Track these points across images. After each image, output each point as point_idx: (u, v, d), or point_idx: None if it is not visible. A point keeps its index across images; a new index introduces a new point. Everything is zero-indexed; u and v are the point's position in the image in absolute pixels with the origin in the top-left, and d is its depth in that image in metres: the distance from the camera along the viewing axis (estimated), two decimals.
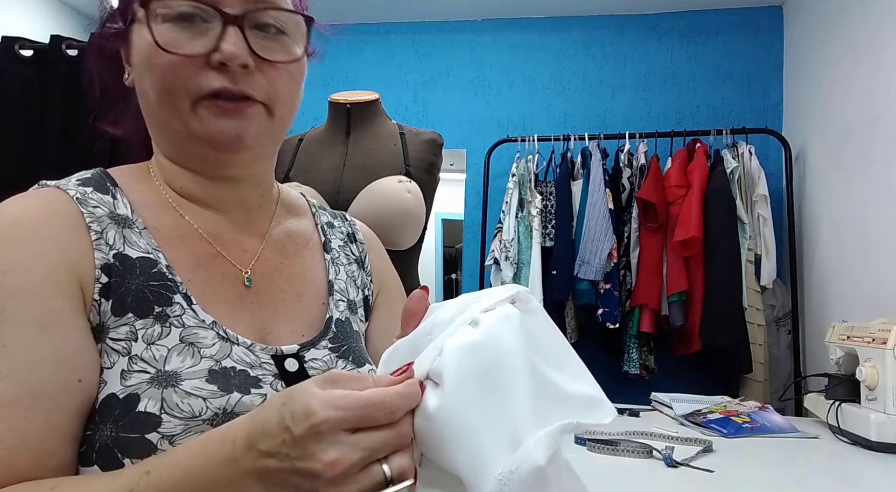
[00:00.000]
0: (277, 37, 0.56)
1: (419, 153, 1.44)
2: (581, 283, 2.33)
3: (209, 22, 0.52)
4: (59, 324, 0.47)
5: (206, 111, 0.53)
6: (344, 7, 2.84)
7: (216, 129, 0.53)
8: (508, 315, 0.40)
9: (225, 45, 0.51)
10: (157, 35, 0.52)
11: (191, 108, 0.53)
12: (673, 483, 1.04)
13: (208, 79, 0.52)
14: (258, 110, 0.55)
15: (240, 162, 0.58)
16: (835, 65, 2.18)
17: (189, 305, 0.53)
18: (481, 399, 0.37)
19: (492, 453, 0.36)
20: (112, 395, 0.47)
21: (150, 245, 0.54)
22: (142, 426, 0.46)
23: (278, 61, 0.55)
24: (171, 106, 0.53)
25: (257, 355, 0.54)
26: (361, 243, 0.74)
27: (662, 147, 2.48)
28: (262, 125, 0.56)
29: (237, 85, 0.53)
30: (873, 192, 1.89)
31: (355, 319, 0.67)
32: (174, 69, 0.52)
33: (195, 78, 0.52)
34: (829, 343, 1.49)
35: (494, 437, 0.36)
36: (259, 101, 0.55)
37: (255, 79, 0.54)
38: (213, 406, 0.48)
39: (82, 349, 0.48)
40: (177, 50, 0.51)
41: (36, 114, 1.80)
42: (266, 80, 0.55)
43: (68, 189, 0.53)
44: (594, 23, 2.84)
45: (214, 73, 0.52)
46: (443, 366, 0.38)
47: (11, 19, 2.54)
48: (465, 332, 0.40)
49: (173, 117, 0.54)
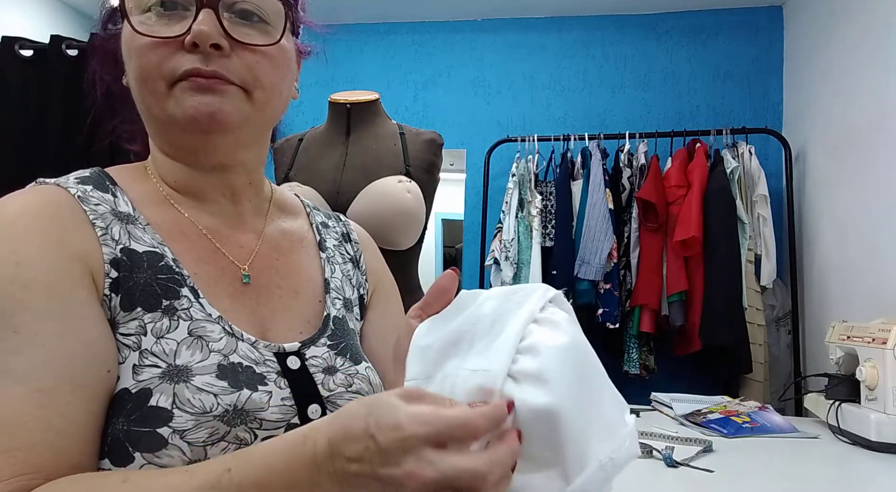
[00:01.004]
0: (259, 25, 0.56)
1: (419, 153, 1.44)
2: (581, 283, 2.33)
3: (188, 10, 0.53)
4: (83, 314, 0.47)
5: (181, 92, 0.53)
6: (344, 7, 2.84)
7: (190, 105, 0.53)
8: (567, 317, 0.44)
9: (196, 26, 0.52)
10: (136, 23, 0.53)
11: (167, 91, 0.53)
12: (673, 483, 1.04)
13: (182, 61, 0.53)
14: (234, 91, 0.55)
15: (219, 146, 0.57)
16: (835, 65, 2.18)
17: (196, 299, 0.53)
18: (579, 395, 0.41)
19: (592, 442, 0.40)
20: (125, 389, 0.48)
21: (156, 239, 0.54)
22: (153, 421, 0.46)
23: (253, 44, 0.55)
24: (149, 91, 0.54)
25: (261, 352, 0.55)
26: (356, 243, 0.74)
27: (662, 147, 2.48)
28: (239, 107, 0.55)
29: (209, 65, 0.53)
30: (873, 191, 1.89)
31: (351, 317, 0.67)
32: (149, 52, 0.53)
33: (169, 60, 0.53)
34: (829, 343, 1.49)
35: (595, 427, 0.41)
36: (235, 84, 0.55)
37: (231, 62, 0.54)
38: (224, 402, 0.49)
39: (106, 340, 0.48)
40: (153, 34, 0.52)
41: (36, 114, 1.80)
42: (243, 64, 0.55)
43: (69, 187, 0.53)
44: (594, 23, 2.83)
45: (189, 55, 0.53)
46: (545, 366, 0.40)
47: (11, 19, 2.54)
48: (547, 333, 0.42)
49: (152, 102, 0.54)
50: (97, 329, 0.48)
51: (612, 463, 0.39)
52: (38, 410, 0.43)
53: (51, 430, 0.43)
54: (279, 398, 0.52)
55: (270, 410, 0.51)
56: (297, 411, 0.53)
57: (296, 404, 0.53)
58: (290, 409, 0.53)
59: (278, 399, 0.52)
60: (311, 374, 0.57)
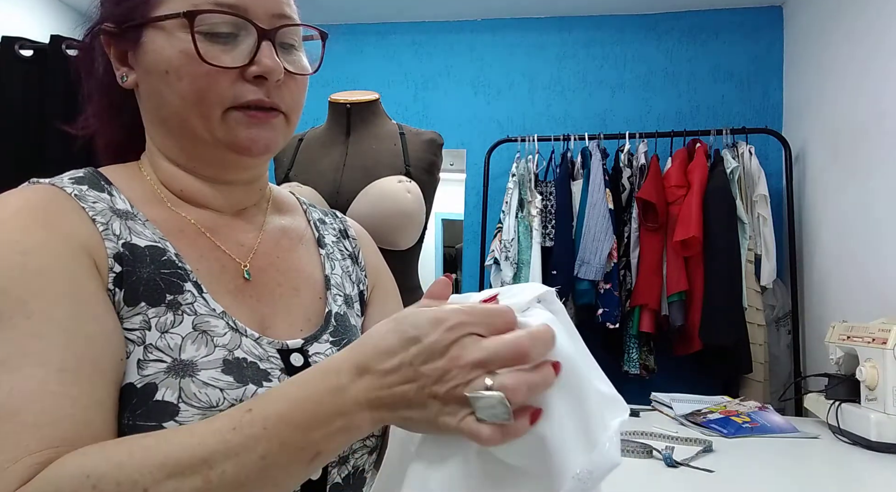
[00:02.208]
0: (296, 53, 0.60)
1: (419, 153, 1.44)
2: (581, 283, 2.33)
3: (239, 36, 0.55)
4: (95, 300, 0.48)
5: (236, 121, 0.55)
6: (344, 7, 2.84)
7: (246, 137, 0.56)
8: (550, 318, 0.41)
9: (266, 61, 0.54)
10: (199, 47, 0.53)
11: (221, 117, 0.55)
12: (673, 483, 1.04)
13: (244, 90, 0.55)
14: (281, 120, 0.58)
15: (252, 167, 0.61)
16: (835, 65, 2.18)
17: (200, 293, 0.53)
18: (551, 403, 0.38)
19: (569, 454, 0.38)
20: (130, 384, 0.48)
21: (157, 235, 0.54)
22: (159, 415, 0.46)
23: (300, 74, 0.59)
24: (199, 114, 0.55)
25: (265, 349, 0.55)
26: (354, 239, 0.75)
27: (662, 147, 2.48)
28: (283, 133, 0.59)
29: (271, 98, 0.56)
30: (873, 191, 1.89)
31: (352, 313, 0.67)
32: (209, 79, 0.54)
33: (230, 89, 0.54)
34: (829, 343, 1.49)
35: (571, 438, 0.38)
36: (283, 112, 0.58)
37: (282, 93, 0.57)
38: (230, 397, 0.49)
39: (118, 329, 0.49)
40: (215, 61, 0.53)
41: (36, 114, 1.80)
42: (289, 93, 0.58)
43: (64, 186, 0.53)
44: (594, 23, 2.83)
45: (249, 85, 0.55)
46: None
47: (11, 19, 2.54)
48: None
49: (199, 125, 0.55)
50: (110, 318, 0.48)
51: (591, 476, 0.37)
52: (62, 387, 0.43)
53: (77, 404, 0.43)
54: None
55: None
56: None
57: None
58: None
59: None
60: None
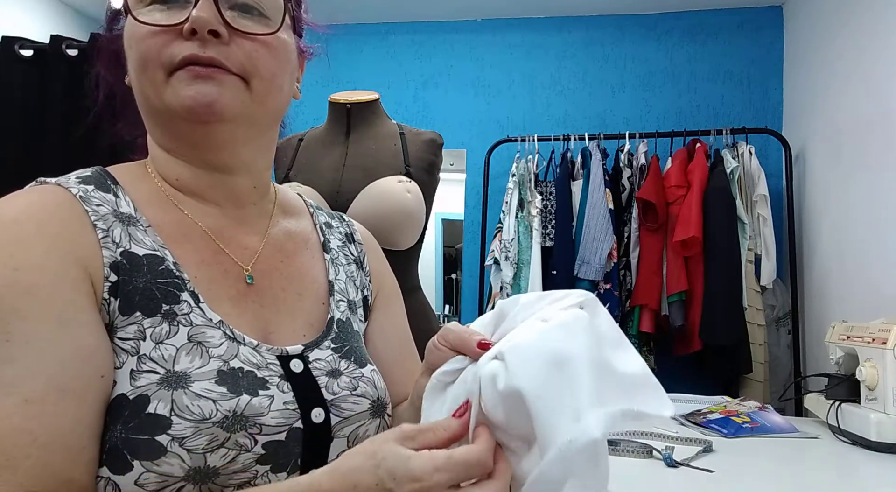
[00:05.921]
0: (259, 18, 0.57)
1: (419, 153, 1.44)
2: (581, 283, 2.33)
3: (189, 2, 0.53)
4: (79, 319, 0.47)
5: (178, 80, 0.53)
6: (344, 7, 2.84)
7: (187, 95, 0.52)
8: (578, 315, 0.45)
9: (194, 12, 0.52)
10: (137, 14, 0.53)
11: (165, 80, 0.53)
12: (673, 483, 1.04)
13: (180, 47, 0.52)
14: (232, 80, 0.54)
15: (218, 137, 0.57)
16: (835, 65, 2.18)
17: (196, 304, 0.53)
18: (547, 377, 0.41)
19: (558, 425, 0.40)
20: (122, 395, 0.47)
21: (156, 242, 0.54)
22: (151, 428, 0.46)
23: (251, 33, 0.55)
24: (148, 80, 0.54)
25: (263, 356, 0.54)
26: (360, 244, 0.74)
27: (662, 147, 2.48)
28: (238, 97, 0.55)
29: (206, 52, 0.53)
30: (873, 191, 1.89)
31: (355, 319, 0.66)
32: (149, 40, 0.53)
33: (168, 48, 0.53)
34: (829, 343, 1.49)
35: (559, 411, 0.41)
36: (234, 73, 0.54)
37: (230, 50, 0.54)
38: (223, 409, 0.48)
39: (101, 345, 0.48)
40: (152, 22, 0.53)
41: (36, 114, 1.80)
42: (242, 52, 0.55)
43: (70, 187, 0.52)
44: (594, 23, 2.84)
45: (187, 42, 0.53)
46: (510, 348, 0.43)
47: (11, 19, 2.54)
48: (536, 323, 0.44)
49: (151, 92, 0.54)
50: (92, 335, 0.47)
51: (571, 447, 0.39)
52: (24, 422, 0.42)
53: (35, 444, 0.42)
54: (281, 402, 0.52)
55: (271, 414, 0.50)
56: (300, 415, 0.53)
57: (299, 407, 0.53)
58: (293, 413, 0.52)
59: (280, 403, 0.52)
60: (315, 377, 0.56)
